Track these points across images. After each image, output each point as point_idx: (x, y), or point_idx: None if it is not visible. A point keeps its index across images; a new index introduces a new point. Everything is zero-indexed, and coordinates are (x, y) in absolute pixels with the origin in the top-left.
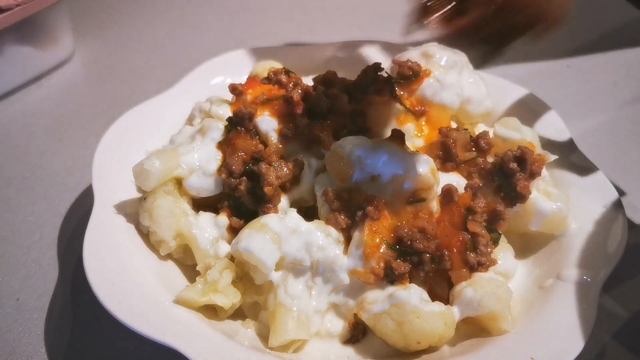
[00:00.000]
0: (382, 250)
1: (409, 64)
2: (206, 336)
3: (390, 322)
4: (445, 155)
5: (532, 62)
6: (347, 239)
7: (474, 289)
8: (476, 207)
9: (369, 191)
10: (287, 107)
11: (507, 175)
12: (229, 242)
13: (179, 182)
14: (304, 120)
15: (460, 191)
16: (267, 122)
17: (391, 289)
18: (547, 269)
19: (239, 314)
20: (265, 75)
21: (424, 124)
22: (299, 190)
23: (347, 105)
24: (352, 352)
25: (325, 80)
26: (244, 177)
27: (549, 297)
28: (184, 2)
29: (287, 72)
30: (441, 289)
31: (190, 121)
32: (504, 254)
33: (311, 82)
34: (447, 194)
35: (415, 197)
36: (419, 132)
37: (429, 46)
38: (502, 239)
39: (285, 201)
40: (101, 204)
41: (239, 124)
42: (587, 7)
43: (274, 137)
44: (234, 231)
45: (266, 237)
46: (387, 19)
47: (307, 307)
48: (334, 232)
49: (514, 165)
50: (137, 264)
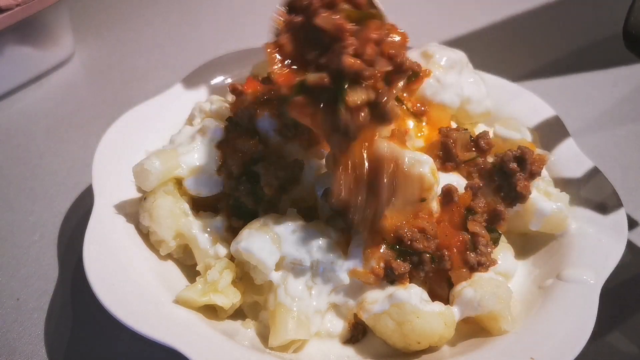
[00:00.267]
0: (382, 250)
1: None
2: (206, 336)
3: (390, 322)
4: (445, 155)
5: (532, 62)
6: (347, 239)
7: (474, 289)
8: (476, 207)
9: None
10: None
11: (507, 175)
12: (229, 242)
13: (179, 182)
14: None
15: (460, 191)
16: (267, 122)
17: (391, 289)
18: (547, 269)
19: (239, 314)
20: (265, 75)
21: (424, 124)
22: (299, 190)
23: None
24: (352, 352)
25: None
26: (244, 177)
27: (549, 297)
28: (184, 2)
29: None
30: (441, 289)
31: (190, 121)
32: (504, 254)
33: None
34: (447, 194)
35: None
36: (419, 132)
37: (429, 46)
38: (502, 239)
39: (285, 201)
40: (101, 204)
41: (239, 124)
42: (587, 6)
43: (274, 137)
44: (233, 231)
45: (266, 237)
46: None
47: (307, 307)
48: (333, 232)
49: (514, 165)
50: (137, 264)
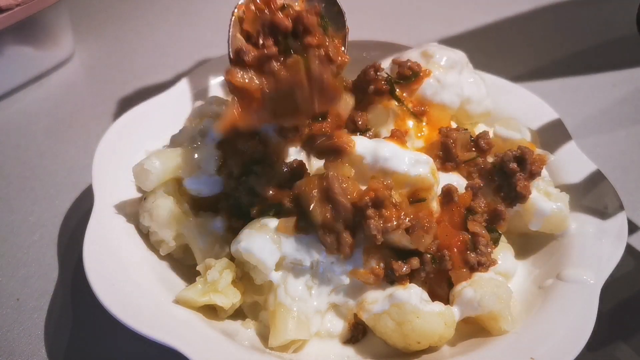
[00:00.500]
0: (382, 250)
1: (409, 64)
2: (206, 336)
3: (390, 322)
4: (445, 155)
5: (532, 62)
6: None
7: (474, 289)
8: (477, 207)
9: None
10: None
11: (507, 175)
12: (229, 242)
13: (179, 182)
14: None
15: (460, 191)
16: None
17: (391, 289)
18: (547, 269)
19: (239, 314)
20: None
21: (424, 124)
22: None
23: None
24: (352, 352)
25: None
26: (244, 177)
27: (549, 297)
28: (184, 2)
29: None
30: (441, 289)
31: (190, 121)
32: (504, 254)
33: None
34: (447, 194)
35: (415, 197)
36: (419, 132)
37: (429, 46)
38: (502, 239)
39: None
40: (101, 204)
41: None
42: (588, 7)
43: (274, 137)
44: (233, 231)
45: (266, 237)
46: (387, 19)
47: (307, 307)
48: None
49: (514, 165)
50: (137, 264)
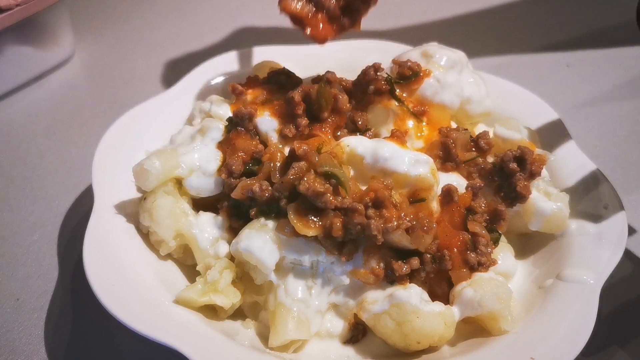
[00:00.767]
0: (382, 250)
1: (409, 64)
2: (206, 336)
3: (390, 322)
4: (445, 155)
5: (532, 62)
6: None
7: (474, 289)
8: (477, 207)
9: None
10: (287, 107)
11: (507, 175)
12: (229, 242)
13: (179, 182)
14: (304, 120)
15: (460, 191)
16: (267, 122)
17: (391, 289)
18: (547, 269)
19: (239, 314)
20: (265, 75)
21: (424, 124)
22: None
23: (347, 105)
24: (352, 352)
25: (325, 80)
26: (244, 177)
27: (549, 297)
28: (184, 2)
29: (287, 72)
30: (441, 289)
31: (190, 121)
32: (504, 254)
33: (311, 82)
34: (447, 194)
35: (415, 197)
36: (419, 132)
37: (429, 46)
38: (502, 239)
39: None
40: (101, 204)
41: (239, 124)
42: (588, 7)
43: (274, 137)
44: (233, 231)
45: (266, 237)
46: (387, 19)
47: (307, 307)
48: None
49: (514, 165)
50: (137, 264)
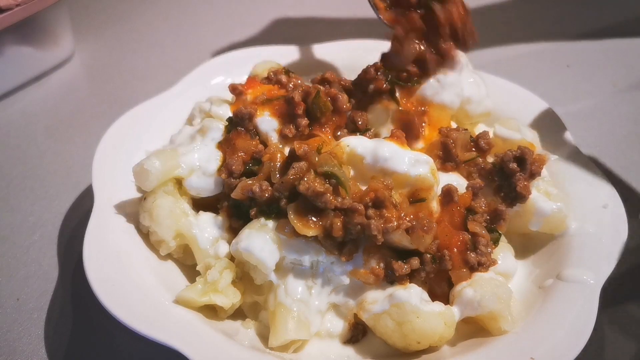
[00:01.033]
0: (382, 250)
1: None
2: (206, 336)
3: (390, 322)
4: (445, 155)
5: (532, 62)
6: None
7: (474, 289)
8: (477, 207)
9: None
10: (287, 107)
11: (507, 175)
12: (229, 242)
13: (179, 182)
14: (304, 120)
15: (460, 191)
16: (267, 122)
17: (391, 289)
18: (547, 269)
19: (239, 314)
20: (265, 75)
21: (424, 124)
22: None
23: (347, 104)
24: (352, 352)
25: (325, 80)
26: (244, 177)
27: (549, 297)
28: (184, 2)
29: (287, 72)
30: (441, 289)
31: (190, 121)
32: (504, 254)
33: (311, 82)
34: (447, 194)
35: (415, 197)
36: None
37: None
38: (502, 239)
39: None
40: (101, 204)
41: (239, 124)
42: (588, 7)
43: (274, 137)
44: (233, 231)
45: (266, 237)
46: None
47: (307, 307)
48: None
49: (514, 165)
50: (137, 264)
